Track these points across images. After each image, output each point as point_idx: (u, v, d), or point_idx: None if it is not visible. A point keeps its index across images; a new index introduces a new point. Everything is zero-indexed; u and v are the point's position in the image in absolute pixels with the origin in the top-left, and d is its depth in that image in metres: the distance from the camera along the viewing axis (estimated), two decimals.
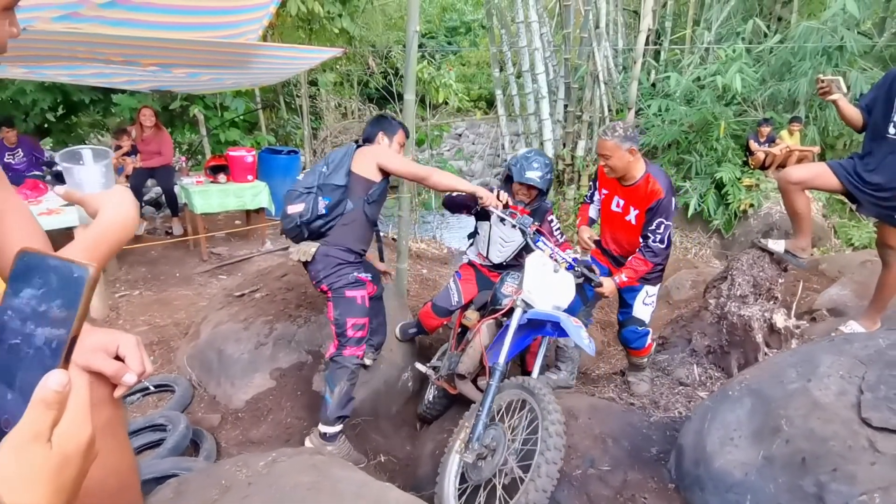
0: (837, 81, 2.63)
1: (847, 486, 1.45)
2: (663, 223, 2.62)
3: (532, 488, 1.78)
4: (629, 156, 2.59)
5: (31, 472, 0.41)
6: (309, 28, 8.38)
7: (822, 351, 1.79)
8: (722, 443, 1.80)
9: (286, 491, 1.13)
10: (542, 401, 2.00)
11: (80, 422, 0.45)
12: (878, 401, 1.52)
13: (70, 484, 0.43)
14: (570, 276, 2.52)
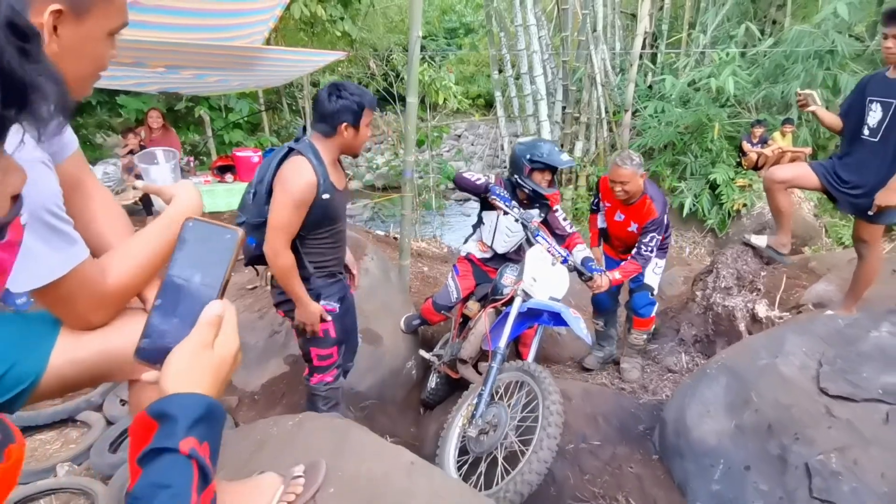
0: (812, 95, 2.86)
1: (807, 448, 1.63)
2: (654, 237, 3.03)
3: (535, 459, 1.96)
4: (640, 181, 2.99)
5: (200, 368, 0.62)
6: (311, 31, 8.56)
7: (790, 332, 1.98)
8: (700, 415, 1.98)
9: (314, 446, 1.30)
10: (543, 382, 2.17)
11: (231, 337, 0.65)
12: (835, 373, 1.70)
13: (224, 378, 0.64)
14: (565, 270, 2.71)
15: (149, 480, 0.55)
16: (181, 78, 5.41)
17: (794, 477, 1.64)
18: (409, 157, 4.31)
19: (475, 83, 17.46)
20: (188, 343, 0.63)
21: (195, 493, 0.56)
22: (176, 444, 0.56)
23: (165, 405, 0.59)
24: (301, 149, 1.99)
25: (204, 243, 0.68)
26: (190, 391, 0.60)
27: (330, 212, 2.06)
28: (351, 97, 1.96)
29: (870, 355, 1.72)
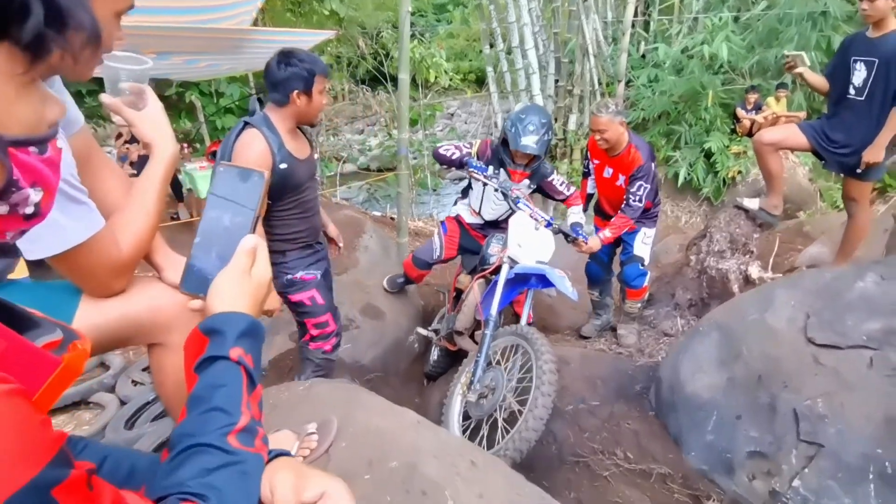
0: (801, 56, 2.87)
1: (795, 395, 1.71)
2: (642, 185, 2.98)
3: (531, 417, 2.04)
4: (621, 128, 2.95)
5: (241, 291, 0.69)
6: (298, 10, 8.46)
7: (778, 287, 2.04)
8: (693, 372, 2.06)
9: (326, 405, 1.37)
10: (535, 343, 2.24)
11: (265, 265, 0.73)
12: (822, 322, 1.77)
13: (261, 300, 0.72)
14: (549, 233, 2.75)
15: (206, 382, 0.63)
16: (171, 64, 5.38)
17: (783, 423, 1.72)
18: (404, 134, 4.32)
19: (466, 58, 17.28)
20: (229, 271, 0.70)
21: (245, 392, 0.64)
22: (226, 352, 0.64)
23: (215, 322, 0.66)
24: (254, 122, 2.00)
25: (234, 185, 0.74)
26: (234, 310, 0.67)
27: (291, 181, 2.06)
28: (301, 64, 1.95)
29: (855, 305, 1.78)
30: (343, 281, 3.45)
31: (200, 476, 0.56)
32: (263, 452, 0.64)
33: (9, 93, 0.43)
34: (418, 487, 1.16)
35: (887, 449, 1.52)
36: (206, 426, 0.60)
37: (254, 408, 0.65)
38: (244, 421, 0.62)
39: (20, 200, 0.47)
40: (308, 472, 0.74)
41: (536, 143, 2.75)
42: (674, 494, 1.98)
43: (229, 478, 0.57)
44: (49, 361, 0.47)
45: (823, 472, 1.60)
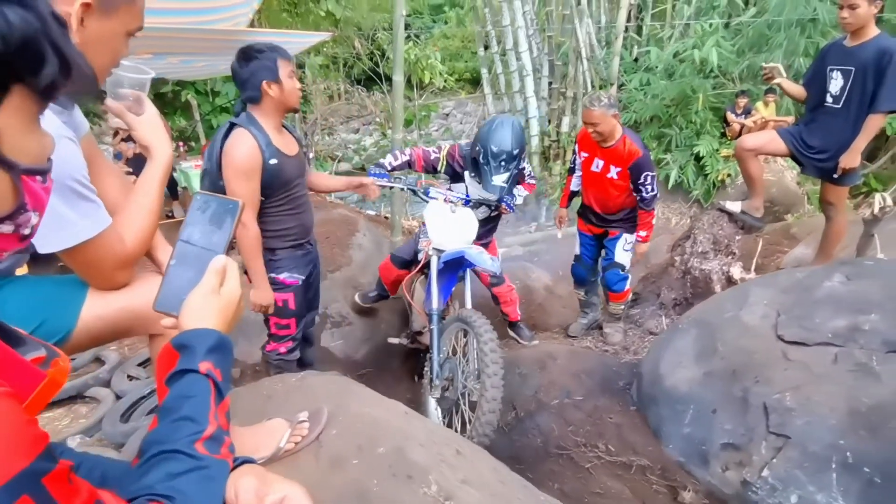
0: (777, 68, 3.00)
1: (765, 388, 1.80)
2: (649, 175, 3.01)
3: (484, 402, 2.08)
4: (613, 121, 2.97)
5: (210, 308, 0.75)
6: (294, 11, 8.50)
7: (754, 285, 2.13)
8: (672, 366, 2.14)
9: (319, 395, 1.44)
10: (476, 326, 2.24)
11: (235, 284, 0.79)
12: (791, 320, 1.86)
13: (231, 317, 0.78)
14: (469, 211, 2.77)
15: (176, 393, 0.69)
16: (167, 63, 5.42)
17: (755, 415, 1.81)
18: (398, 134, 4.40)
19: (461, 59, 17.35)
20: (199, 288, 0.76)
21: (213, 403, 0.70)
22: (196, 366, 0.70)
23: (185, 338, 0.72)
24: (240, 122, 2.04)
25: (210, 211, 0.81)
26: (203, 326, 0.73)
27: (281, 176, 2.09)
28: (260, 55, 1.98)
29: (823, 303, 1.88)
30: (336, 278, 3.52)
31: (167, 479, 0.61)
32: (229, 459, 0.69)
33: (23, 128, 0.51)
34: (404, 472, 1.23)
35: (849, 439, 1.61)
36: (174, 434, 0.65)
37: (221, 418, 0.70)
38: (211, 429, 0.67)
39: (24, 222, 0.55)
40: (270, 478, 0.79)
41: (506, 182, 2.74)
42: (652, 486, 2.07)
43: (194, 481, 0.63)
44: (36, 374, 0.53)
45: (791, 461, 1.69)
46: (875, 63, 2.63)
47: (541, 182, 8.98)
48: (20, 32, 0.47)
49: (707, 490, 1.92)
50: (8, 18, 0.46)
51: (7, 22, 0.46)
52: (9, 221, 0.53)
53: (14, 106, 0.50)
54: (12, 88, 0.49)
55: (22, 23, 0.47)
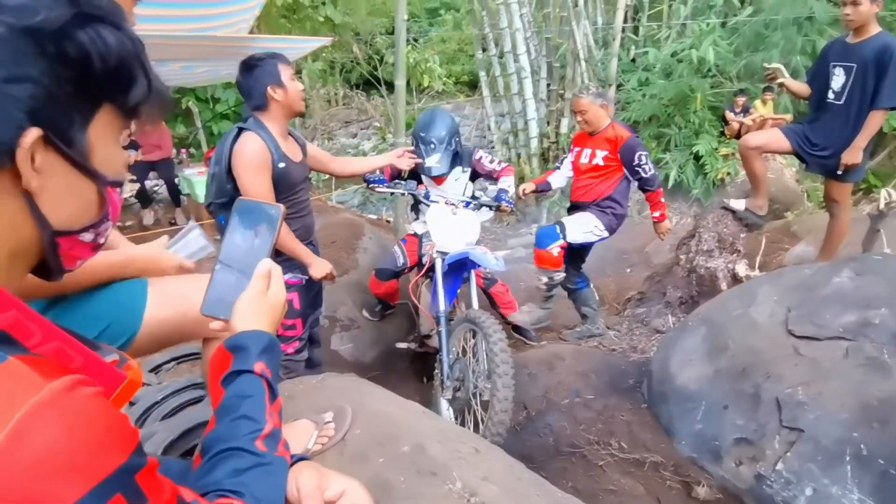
0: (780, 69, 3.02)
1: (776, 384, 1.82)
2: (642, 154, 3.05)
3: (496, 401, 2.10)
4: (601, 110, 3.05)
5: (259, 311, 0.77)
6: (294, 17, 8.54)
7: (761, 283, 2.15)
8: (682, 364, 2.16)
9: (341, 394, 1.46)
10: (483, 325, 2.26)
11: (280, 287, 0.81)
12: (801, 316, 1.88)
13: (277, 319, 0.79)
14: (470, 212, 2.81)
15: (233, 393, 0.71)
16: (169, 70, 5.43)
17: (766, 411, 1.83)
18: (400, 138, 4.43)
19: (458, 62, 17.40)
20: (249, 293, 0.78)
21: (268, 402, 0.71)
22: (251, 366, 0.72)
23: (239, 339, 0.74)
24: (248, 126, 2.08)
25: (254, 216, 0.82)
26: (255, 329, 0.75)
27: (287, 180, 2.14)
28: (259, 62, 2.05)
29: (832, 299, 1.90)
30: (343, 282, 3.54)
31: (234, 476, 0.63)
32: (287, 456, 0.71)
33: (109, 143, 0.54)
34: (427, 468, 1.25)
35: (861, 432, 1.63)
36: (235, 432, 0.67)
37: (275, 417, 0.72)
38: (269, 428, 0.69)
39: (103, 230, 0.57)
40: (329, 473, 0.81)
41: (440, 162, 2.87)
42: (666, 482, 2.08)
43: (259, 477, 0.64)
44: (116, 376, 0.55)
45: (804, 455, 1.70)
46: (876, 60, 2.66)
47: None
48: (117, 54, 0.50)
49: (720, 485, 1.94)
50: (107, 40, 0.49)
51: (106, 44, 0.49)
52: (92, 230, 0.55)
53: (103, 122, 0.52)
54: (102, 107, 0.52)
55: (118, 45, 0.50)
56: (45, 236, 0.51)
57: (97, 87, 0.50)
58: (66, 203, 0.52)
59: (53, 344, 0.50)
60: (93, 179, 0.53)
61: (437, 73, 9.61)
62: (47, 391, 0.42)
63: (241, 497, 0.61)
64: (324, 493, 0.75)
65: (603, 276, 4.99)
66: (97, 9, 0.49)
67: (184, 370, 3.19)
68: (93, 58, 0.49)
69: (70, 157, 0.50)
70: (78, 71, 0.48)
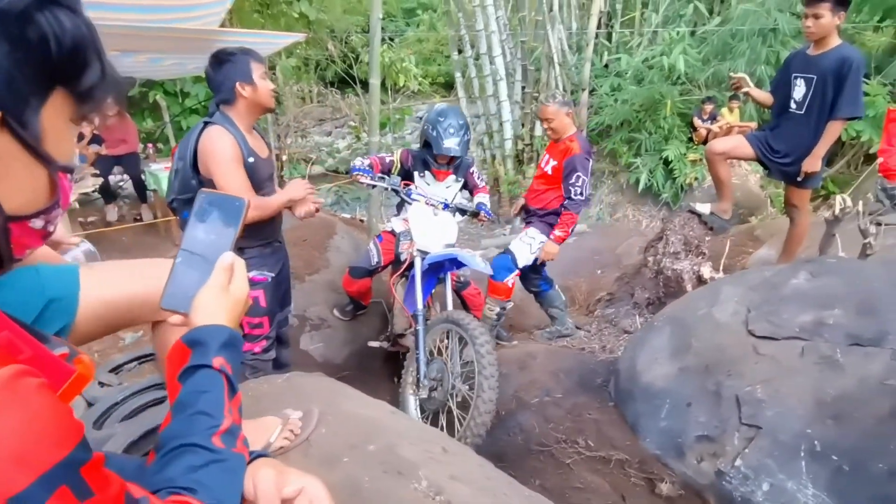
0: (745, 78, 3.11)
1: (738, 382, 1.87)
2: (580, 176, 3.06)
3: (480, 403, 2.14)
4: (567, 119, 3.10)
5: (220, 306, 0.75)
6: (267, 12, 8.40)
7: (724, 284, 2.22)
8: (649, 362, 2.21)
9: (308, 393, 1.45)
10: (469, 328, 2.28)
11: (243, 282, 0.78)
12: (761, 315, 1.95)
13: (239, 314, 0.77)
14: (449, 215, 2.85)
15: (190, 389, 0.69)
16: (135, 62, 5.29)
17: (727, 408, 1.88)
18: (374, 137, 4.40)
19: (434, 63, 17.42)
20: (209, 286, 0.76)
21: (227, 397, 0.70)
22: (209, 361, 0.70)
23: (198, 334, 0.72)
24: (215, 120, 2.05)
25: (217, 209, 0.80)
26: (215, 323, 0.73)
27: (255, 177, 2.09)
28: (231, 57, 2.02)
29: (790, 299, 1.97)
30: (315, 281, 3.50)
31: (188, 472, 0.62)
32: (245, 453, 0.70)
33: (60, 128, 0.53)
34: (395, 468, 1.24)
35: (816, 429, 1.69)
36: (191, 428, 0.65)
37: (235, 413, 0.70)
38: (227, 423, 0.67)
39: (53, 217, 0.56)
40: (287, 470, 0.80)
41: (458, 145, 2.91)
42: (630, 479, 2.12)
43: (214, 474, 0.63)
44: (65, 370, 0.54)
45: (762, 451, 1.76)
46: (835, 71, 2.77)
47: (514, 185, 9.09)
48: (72, 37, 0.49)
49: (683, 481, 1.98)
50: (63, 24, 0.48)
51: (62, 27, 0.48)
52: (43, 216, 0.54)
53: (56, 106, 0.52)
54: (55, 90, 0.51)
55: (74, 28, 0.49)
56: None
57: (52, 70, 0.50)
58: (20, 187, 0.51)
59: (3, 334, 0.48)
60: (45, 164, 0.52)
61: (413, 73, 9.60)
62: None
63: (195, 494, 0.60)
64: (281, 490, 0.74)
65: (575, 277, 5.07)
66: None
67: (146, 370, 3.10)
68: (50, 41, 0.48)
69: (24, 140, 0.49)
70: (36, 54, 0.48)
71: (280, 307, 2.45)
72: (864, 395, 1.68)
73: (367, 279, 3.25)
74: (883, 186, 4.23)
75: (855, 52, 2.81)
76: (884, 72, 7.38)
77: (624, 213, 8.81)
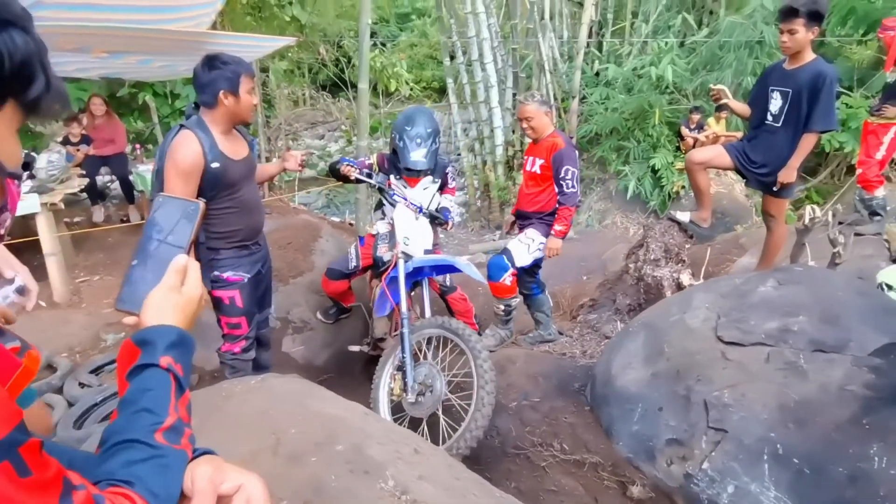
0: (724, 90, 3.14)
1: (706, 386, 1.92)
2: (570, 169, 3.09)
3: (479, 416, 2.18)
4: (546, 118, 3.13)
5: (171, 306, 0.77)
6: (259, 15, 8.41)
7: (697, 291, 2.27)
8: (623, 367, 2.25)
9: (280, 395, 1.47)
10: (469, 341, 2.32)
11: (196, 282, 0.81)
12: (730, 322, 1.99)
13: (191, 314, 0.79)
14: (426, 220, 2.86)
15: (136, 387, 0.71)
16: (124, 63, 5.27)
17: (696, 412, 1.92)
18: (363, 141, 4.43)
19: (427, 68, 17.50)
20: (160, 286, 0.78)
21: (173, 396, 0.72)
22: (156, 360, 0.72)
23: (146, 334, 0.74)
24: (188, 124, 2.09)
25: (172, 213, 0.83)
26: (164, 323, 0.75)
27: (224, 179, 2.13)
28: (224, 66, 2.05)
29: (757, 306, 2.02)
30: (299, 283, 3.52)
31: (126, 467, 0.64)
32: (188, 450, 0.72)
33: (9, 136, 0.57)
34: (362, 467, 1.27)
35: (778, 433, 1.74)
36: (133, 424, 0.67)
37: (182, 410, 0.72)
38: (170, 421, 0.69)
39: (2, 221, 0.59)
40: (227, 467, 0.80)
41: (425, 157, 2.84)
42: (603, 482, 2.16)
43: (152, 469, 0.65)
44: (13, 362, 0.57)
45: (727, 454, 1.80)
46: (810, 86, 2.84)
47: (504, 191, 9.15)
48: (21, 54, 0.54)
49: (654, 484, 2.02)
50: (16, 42, 0.53)
51: (15, 45, 0.53)
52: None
53: (5, 117, 0.56)
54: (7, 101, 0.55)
55: (24, 45, 0.54)
56: None
57: (2, 84, 0.53)
58: None
59: None
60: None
61: (405, 79, 9.63)
62: None
63: (132, 487, 0.62)
64: (218, 486, 0.76)
65: (561, 283, 5.11)
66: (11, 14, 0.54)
67: None
68: (3, 58, 0.52)
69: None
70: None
71: (259, 308, 2.47)
72: (825, 400, 1.73)
73: (345, 281, 3.25)
74: (861, 197, 4.32)
75: (829, 68, 2.88)
76: (866, 84, 7.53)
77: (612, 219, 8.89)
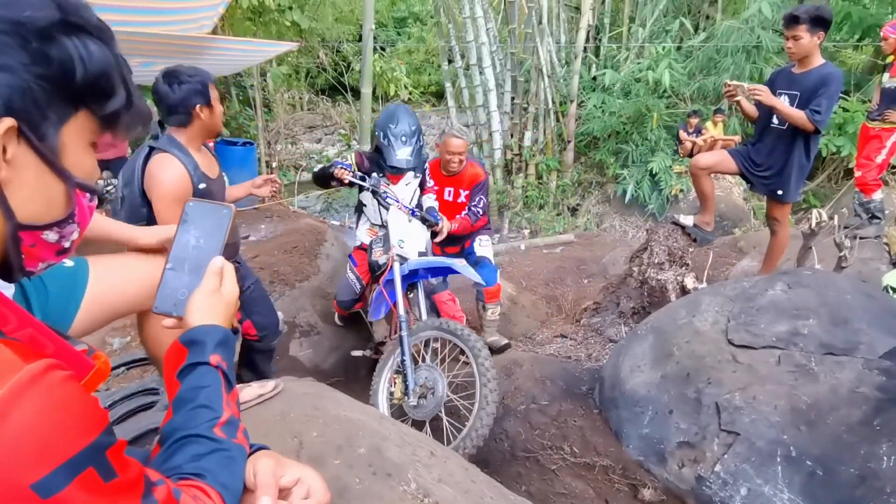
0: (742, 87, 3.01)
1: (716, 389, 1.93)
2: (482, 199, 3.36)
3: (483, 415, 2.18)
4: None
5: (213, 307, 0.79)
6: (259, 20, 8.43)
7: (705, 294, 2.28)
8: (631, 370, 2.26)
9: (297, 398, 1.47)
10: (469, 341, 2.31)
11: (232, 284, 0.83)
12: (739, 325, 2.01)
13: (230, 315, 0.82)
14: (418, 222, 2.86)
15: (190, 385, 0.72)
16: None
17: (707, 415, 1.94)
18: (364, 145, 4.44)
19: (425, 73, 17.56)
20: (202, 289, 0.80)
21: (224, 392, 0.74)
22: (206, 358, 0.74)
23: (194, 334, 0.76)
24: (162, 146, 1.94)
25: (204, 217, 0.85)
26: (210, 323, 0.77)
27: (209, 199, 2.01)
28: (191, 79, 1.93)
29: (767, 309, 2.04)
30: (305, 288, 3.52)
31: (193, 461, 0.66)
32: (245, 444, 0.74)
33: (80, 145, 0.57)
34: (384, 470, 1.27)
35: (791, 434, 1.75)
36: (193, 421, 0.69)
37: (233, 406, 0.74)
38: (226, 416, 0.71)
39: (68, 233, 0.59)
40: (286, 461, 0.83)
41: (411, 155, 2.78)
42: (614, 484, 2.17)
43: (219, 462, 0.67)
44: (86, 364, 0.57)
45: (740, 456, 1.81)
46: (818, 89, 2.86)
47: (503, 194, 9.17)
48: (98, 64, 0.54)
49: (665, 487, 2.03)
50: (91, 50, 0.53)
51: (89, 53, 0.53)
52: (56, 228, 0.57)
53: (78, 126, 0.55)
54: (81, 110, 0.55)
55: (102, 57, 0.54)
56: (8, 228, 0.53)
57: (76, 92, 0.53)
58: (33, 198, 0.54)
59: (28, 330, 0.52)
60: (61, 178, 0.55)
61: (404, 83, 9.67)
62: (25, 373, 0.45)
63: (203, 479, 0.63)
64: (279, 479, 0.77)
65: (562, 286, 5.14)
66: (83, 20, 0.54)
67: (134, 375, 3.10)
68: (75, 63, 0.52)
69: (41, 152, 0.52)
70: (58, 72, 0.51)
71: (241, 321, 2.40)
72: (836, 402, 1.74)
73: (359, 303, 3.22)
74: (860, 201, 4.35)
75: (837, 71, 2.91)
76: (863, 89, 7.60)
77: (611, 223, 8.92)
